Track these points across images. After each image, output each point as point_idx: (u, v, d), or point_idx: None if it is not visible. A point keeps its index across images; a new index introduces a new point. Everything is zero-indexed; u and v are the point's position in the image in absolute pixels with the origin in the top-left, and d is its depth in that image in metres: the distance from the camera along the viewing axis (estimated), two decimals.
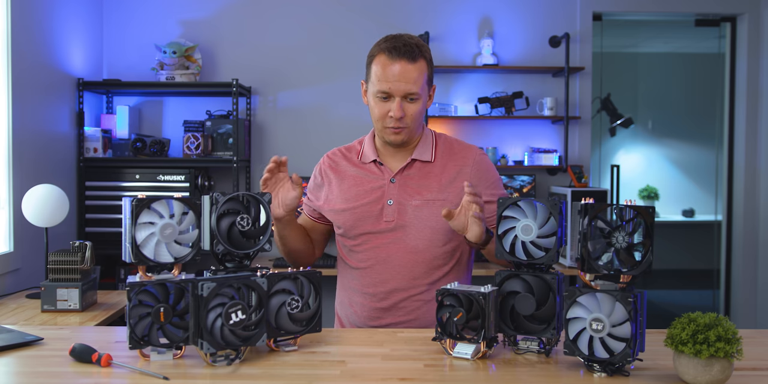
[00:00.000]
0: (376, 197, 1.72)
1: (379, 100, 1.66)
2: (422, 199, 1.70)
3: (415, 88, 1.63)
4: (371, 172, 1.76)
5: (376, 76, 1.65)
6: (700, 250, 4.88)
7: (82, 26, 3.52)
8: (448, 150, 1.78)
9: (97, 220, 3.43)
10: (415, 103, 1.66)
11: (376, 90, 1.66)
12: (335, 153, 1.85)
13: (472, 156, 1.77)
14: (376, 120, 1.70)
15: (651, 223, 1.22)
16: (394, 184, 1.73)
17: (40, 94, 3.04)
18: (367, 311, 1.73)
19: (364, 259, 1.73)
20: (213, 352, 1.26)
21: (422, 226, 1.70)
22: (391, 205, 1.71)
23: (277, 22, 3.85)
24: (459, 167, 1.75)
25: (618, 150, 5.58)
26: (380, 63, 1.65)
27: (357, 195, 1.74)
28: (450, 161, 1.75)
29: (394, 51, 1.63)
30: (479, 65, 3.81)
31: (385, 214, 1.71)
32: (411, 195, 1.71)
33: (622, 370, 1.22)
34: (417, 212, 1.70)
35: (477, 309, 1.29)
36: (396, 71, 1.62)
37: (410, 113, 1.66)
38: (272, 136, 3.87)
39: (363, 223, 1.72)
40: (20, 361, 1.33)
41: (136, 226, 1.28)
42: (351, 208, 1.73)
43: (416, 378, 1.21)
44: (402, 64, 1.62)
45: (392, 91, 1.63)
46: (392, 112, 1.64)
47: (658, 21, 4.58)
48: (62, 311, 2.21)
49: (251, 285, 1.29)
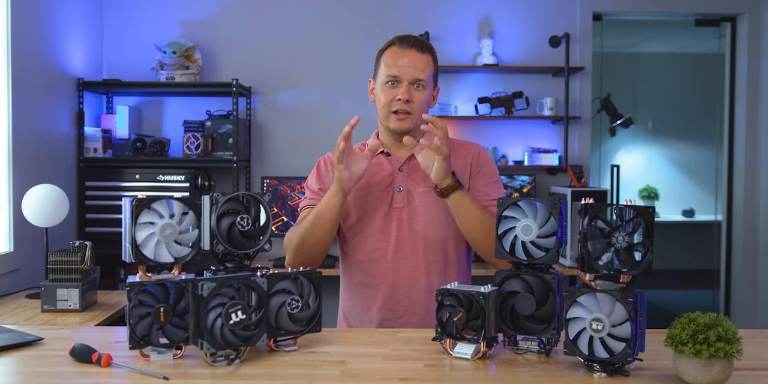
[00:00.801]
0: (386, 184, 1.77)
1: (387, 86, 1.72)
2: (427, 186, 1.74)
3: (423, 75, 1.70)
4: (380, 162, 1.80)
5: (386, 64, 1.73)
6: (700, 250, 4.88)
7: (82, 26, 3.52)
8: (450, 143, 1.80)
9: (97, 220, 3.43)
10: (422, 92, 1.72)
11: (384, 76, 1.72)
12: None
13: (473, 149, 1.83)
14: (383, 106, 1.74)
15: (651, 223, 1.22)
16: (403, 173, 1.77)
17: (40, 94, 3.04)
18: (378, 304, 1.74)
19: (374, 250, 1.74)
20: (213, 352, 1.25)
21: (428, 211, 1.73)
22: (400, 192, 1.76)
23: (277, 22, 3.85)
24: (463, 156, 1.79)
25: (618, 150, 5.58)
26: (390, 53, 1.74)
27: (368, 181, 1.77)
28: (453, 151, 1.78)
29: (405, 41, 1.74)
30: (479, 65, 3.81)
31: (395, 200, 1.75)
32: (417, 183, 1.76)
33: (622, 370, 1.22)
34: (424, 199, 1.74)
35: (477, 309, 1.29)
36: (405, 58, 1.71)
37: (417, 100, 1.71)
38: (272, 136, 3.87)
39: (374, 209, 1.75)
40: (20, 361, 1.33)
41: (136, 226, 1.28)
42: (362, 194, 1.76)
43: (416, 378, 1.21)
44: (411, 53, 1.72)
45: (401, 76, 1.70)
46: (400, 95, 1.69)
47: (658, 21, 4.58)
48: (62, 311, 2.21)
49: (251, 285, 1.29)
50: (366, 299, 1.77)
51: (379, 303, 1.74)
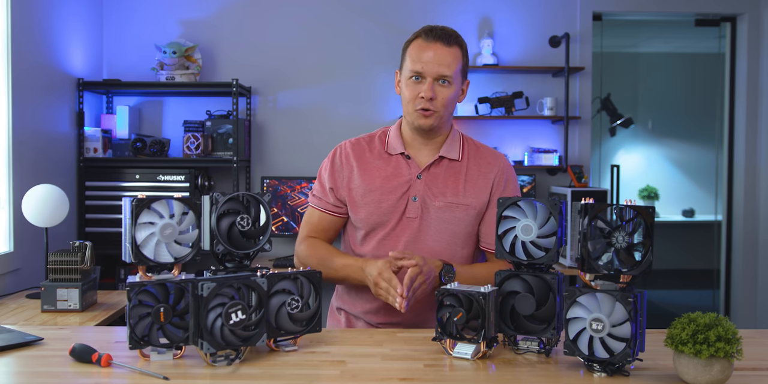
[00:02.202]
0: (402, 192, 1.70)
1: (412, 82, 1.66)
2: (445, 202, 1.69)
3: (448, 71, 1.64)
4: (398, 166, 1.73)
5: (410, 58, 1.66)
6: (700, 250, 4.88)
7: (82, 26, 3.52)
8: (475, 152, 1.78)
9: (97, 220, 3.43)
10: (447, 89, 1.66)
11: (408, 71, 1.66)
12: (358, 141, 1.79)
13: (498, 163, 1.77)
14: (407, 103, 1.68)
15: (651, 223, 1.22)
16: (421, 181, 1.71)
17: (40, 94, 3.03)
18: (375, 306, 1.72)
19: (380, 255, 1.69)
20: (213, 352, 1.25)
21: (442, 228, 1.69)
22: (415, 202, 1.70)
23: (277, 22, 3.85)
24: (486, 173, 1.74)
25: (618, 150, 5.58)
26: (416, 45, 1.67)
27: (383, 187, 1.71)
28: (477, 163, 1.75)
29: (431, 33, 1.66)
30: (479, 65, 3.81)
31: (409, 210, 1.70)
32: (435, 195, 1.70)
33: (622, 370, 1.22)
34: (439, 214, 1.69)
35: (477, 309, 1.29)
36: (430, 52, 1.64)
37: (441, 97, 1.65)
38: (272, 136, 3.87)
39: (386, 217, 1.70)
40: (20, 361, 1.33)
41: (136, 226, 1.28)
42: (376, 200, 1.70)
43: (416, 378, 1.21)
44: (437, 47, 1.64)
45: (424, 72, 1.64)
46: (423, 92, 1.64)
47: (658, 21, 4.58)
48: (62, 311, 2.21)
49: (251, 285, 1.29)
50: (366, 304, 1.75)
51: (376, 308, 1.73)
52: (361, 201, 1.72)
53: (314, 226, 1.79)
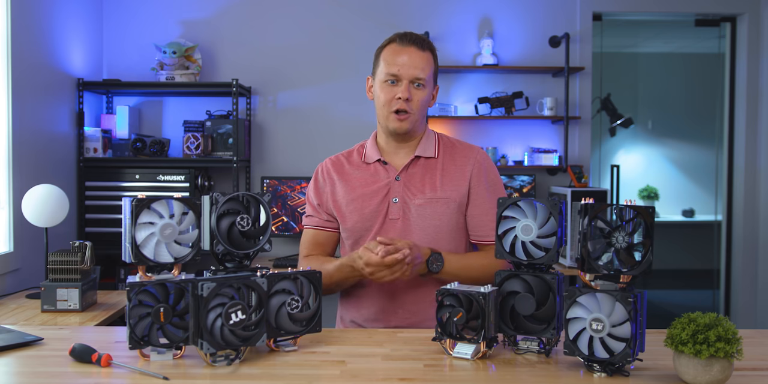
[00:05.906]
0: (382, 195, 1.73)
1: (387, 85, 1.69)
2: (424, 198, 1.71)
3: (423, 74, 1.68)
4: (376, 172, 1.77)
5: (385, 61, 1.69)
6: (700, 250, 4.88)
7: (82, 26, 3.52)
8: (450, 148, 1.79)
9: (97, 220, 3.43)
10: (422, 91, 1.69)
11: (384, 75, 1.69)
12: (337, 158, 1.85)
13: (474, 155, 1.78)
14: (382, 106, 1.71)
15: (651, 223, 1.22)
16: (399, 182, 1.74)
17: (40, 94, 3.03)
18: (374, 312, 1.73)
19: None
20: (213, 352, 1.25)
21: (425, 225, 1.71)
22: (396, 203, 1.72)
23: (277, 22, 3.85)
24: (462, 165, 1.75)
25: (618, 150, 5.58)
26: (390, 50, 1.70)
27: (363, 194, 1.74)
28: (452, 158, 1.77)
29: (405, 38, 1.70)
30: (479, 65, 3.81)
31: (391, 212, 1.72)
32: (414, 194, 1.72)
33: (622, 370, 1.23)
34: (420, 211, 1.71)
35: (477, 309, 1.29)
36: (405, 56, 1.68)
37: (416, 99, 1.68)
38: (272, 136, 3.87)
39: (370, 221, 1.73)
40: (20, 361, 1.33)
41: (136, 226, 1.28)
42: (359, 207, 1.73)
43: (416, 378, 1.21)
44: (411, 51, 1.68)
45: (400, 74, 1.67)
46: (400, 93, 1.66)
47: (658, 21, 4.58)
48: (62, 311, 2.21)
49: (251, 285, 1.29)
50: (362, 309, 1.76)
51: (374, 313, 1.74)
52: (346, 210, 1.75)
53: (310, 244, 1.82)
